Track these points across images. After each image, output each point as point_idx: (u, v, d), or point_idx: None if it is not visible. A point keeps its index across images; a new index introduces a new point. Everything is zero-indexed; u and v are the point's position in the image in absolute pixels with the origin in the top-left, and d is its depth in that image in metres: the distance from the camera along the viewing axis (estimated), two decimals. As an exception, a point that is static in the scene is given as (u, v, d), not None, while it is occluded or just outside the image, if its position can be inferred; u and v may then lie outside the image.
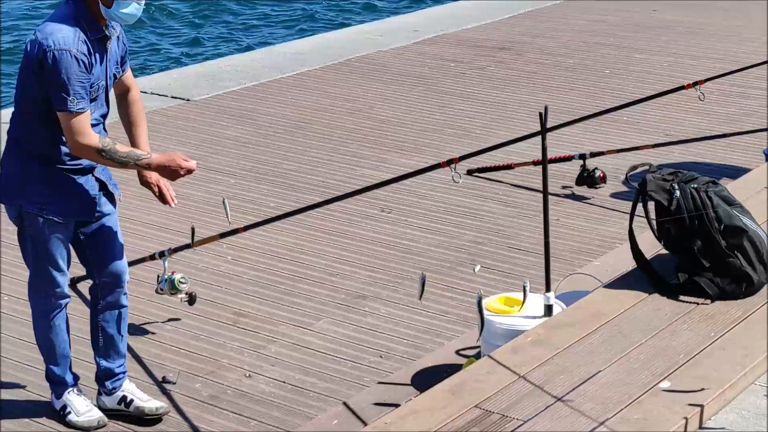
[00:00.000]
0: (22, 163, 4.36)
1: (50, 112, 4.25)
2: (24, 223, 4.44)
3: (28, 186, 4.37)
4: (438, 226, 6.85)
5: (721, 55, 10.23)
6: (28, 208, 4.37)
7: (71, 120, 4.18)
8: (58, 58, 4.11)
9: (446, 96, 9.32)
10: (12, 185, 4.41)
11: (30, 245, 4.47)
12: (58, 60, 4.11)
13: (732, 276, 4.39)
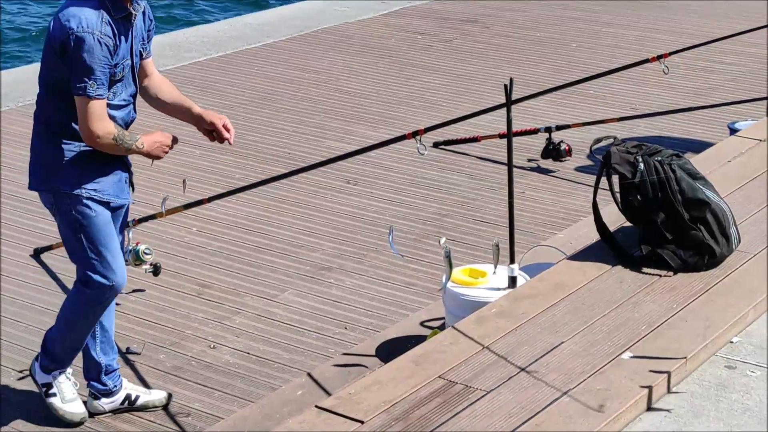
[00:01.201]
0: (54, 145, 4.17)
1: (64, 83, 4.09)
2: (62, 208, 4.20)
3: (63, 166, 4.16)
4: (403, 198, 6.85)
5: (690, 30, 10.25)
6: (66, 188, 4.15)
7: (88, 105, 4.00)
8: (81, 41, 3.95)
9: (412, 68, 9.30)
10: (45, 169, 4.19)
11: (74, 231, 4.21)
12: (80, 43, 3.95)
13: (694, 248, 4.41)
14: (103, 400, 4.58)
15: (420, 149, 4.62)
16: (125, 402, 4.61)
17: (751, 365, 3.95)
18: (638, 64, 6.15)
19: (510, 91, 4.43)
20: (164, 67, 9.29)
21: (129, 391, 4.64)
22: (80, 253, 4.25)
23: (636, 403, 3.62)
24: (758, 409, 3.71)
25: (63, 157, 4.16)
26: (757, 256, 4.56)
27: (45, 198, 4.27)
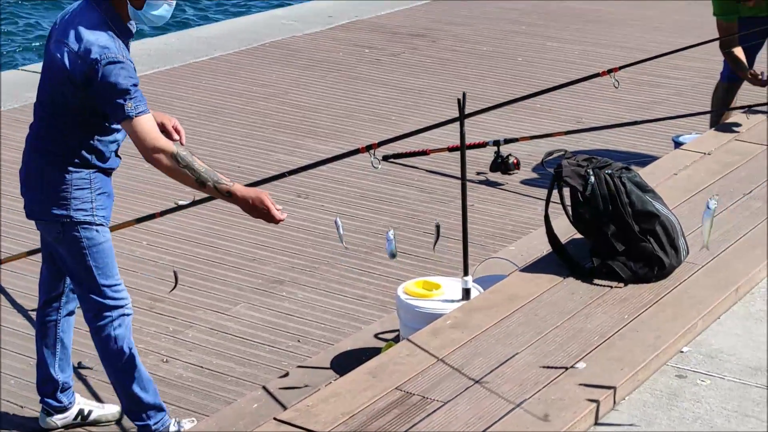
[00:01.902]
0: (62, 174, 4.08)
1: (90, 118, 4.04)
2: (71, 237, 4.12)
3: (75, 195, 4.09)
4: (354, 212, 6.88)
5: (632, 44, 10.40)
6: (78, 217, 4.08)
7: (136, 125, 3.89)
8: (108, 69, 3.87)
9: (361, 82, 9.35)
10: (52, 199, 4.10)
11: (85, 259, 4.14)
12: (109, 72, 3.87)
13: (644, 260, 4.49)
14: (56, 416, 4.56)
15: (374, 163, 4.65)
16: (78, 417, 4.59)
17: (701, 374, 4.03)
18: (590, 78, 6.25)
19: (463, 105, 4.48)
20: (112, 80, 9.26)
21: (82, 405, 4.62)
22: (90, 282, 4.19)
23: (590, 412, 3.68)
24: (709, 417, 3.78)
25: (73, 186, 4.09)
26: (704, 267, 4.65)
27: (49, 228, 4.16)
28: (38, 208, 4.15)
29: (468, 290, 4.49)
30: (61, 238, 4.15)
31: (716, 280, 4.54)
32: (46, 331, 4.47)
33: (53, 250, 4.25)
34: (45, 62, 4.10)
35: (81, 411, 4.59)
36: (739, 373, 4.03)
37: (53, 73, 4.02)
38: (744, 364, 4.09)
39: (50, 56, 4.04)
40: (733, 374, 4.03)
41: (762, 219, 5.09)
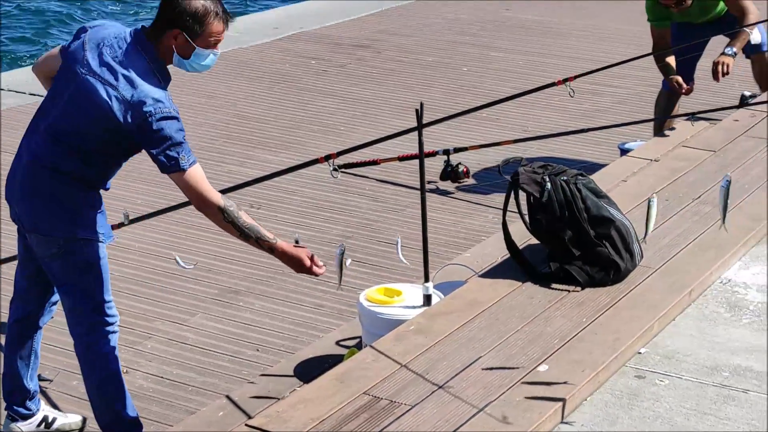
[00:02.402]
0: (74, 193, 4.09)
1: (119, 155, 4.10)
2: (71, 253, 4.13)
3: (82, 213, 4.11)
4: (307, 222, 6.93)
5: (576, 54, 10.56)
6: (83, 234, 4.11)
7: (187, 177, 3.96)
8: (163, 125, 3.88)
9: (308, 93, 9.41)
10: (59, 216, 4.09)
11: (83, 276, 4.17)
12: (163, 127, 3.88)
13: (601, 264, 4.59)
14: (20, 422, 4.57)
15: (333, 173, 4.71)
16: (42, 424, 4.60)
17: (659, 374, 4.14)
18: (546, 87, 6.39)
19: (421, 115, 4.56)
20: (58, 93, 9.25)
21: (46, 412, 4.65)
22: (87, 298, 4.21)
23: (554, 413, 3.76)
24: (669, 416, 3.88)
25: (82, 205, 4.11)
26: (658, 270, 4.77)
27: (48, 242, 4.13)
28: (43, 223, 4.11)
29: (429, 296, 4.57)
30: (59, 254, 4.14)
31: (670, 283, 4.66)
32: (23, 343, 4.48)
33: (45, 266, 4.23)
34: (77, 92, 4.02)
35: (45, 418, 4.62)
36: (696, 373, 4.14)
37: (92, 110, 3.98)
38: (700, 363, 4.21)
39: (89, 92, 3.98)
40: (690, 374, 4.14)
41: (712, 223, 5.22)
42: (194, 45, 4.01)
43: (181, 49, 4.02)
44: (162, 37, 4.01)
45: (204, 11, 4.00)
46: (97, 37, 4.06)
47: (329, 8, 12.40)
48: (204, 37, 4.02)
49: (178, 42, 4.01)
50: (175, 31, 3.99)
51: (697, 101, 8.42)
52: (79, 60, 4.04)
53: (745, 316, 4.57)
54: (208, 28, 4.02)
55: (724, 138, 6.36)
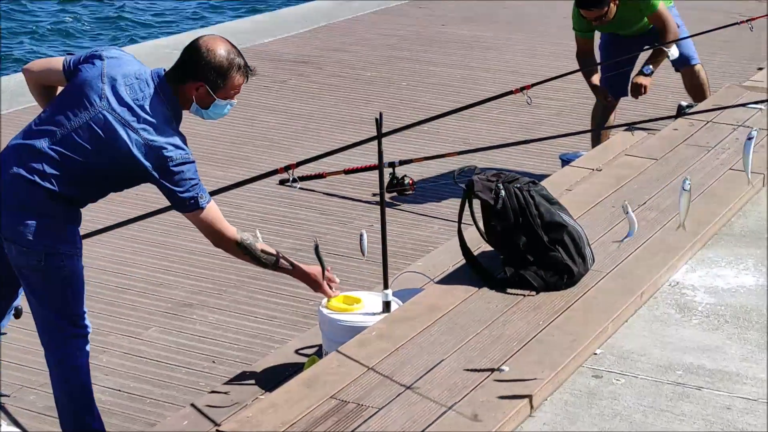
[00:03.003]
0: (67, 213, 4.16)
1: (120, 186, 4.21)
2: (52, 266, 4.15)
3: (66, 229, 4.15)
4: (257, 235, 6.97)
5: (512, 68, 10.72)
6: (65, 249, 4.15)
7: (205, 216, 4.17)
8: (182, 169, 4.03)
9: (251, 109, 9.44)
10: (46, 230, 4.10)
11: (62, 289, 4.21)
12: (182, 171, 4.03)
13: (554, 269, 4.70)
14: None
15: (293, 184, 4.78)
16: None
17: (615, 374, 4.25)
18: (504, 95, 6.54)
19: (380, 125, 4.65)
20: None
21: (5, 428, 4.64)
22: (64, 310, 4.24)
23: (517, 412, 3.86)
24: (627, 413, 4.00)
25: (66, 220, 4.16)
26: (609, 274, 4.89)
27: (28, 254, 4.13)
28: (26, 235, 4.10)
29: (389, 303, 4.64)
30: (39, 267, 4.15)
31: (621, 285, 4.78)
32: None
33: (22, 276, 4.24)
34: (91, 126, 4.04)
35: None
36: (651, 372, 4.26)
37: (107, 148, 4.03)
38: (654, 363, 4.33)
39: (107, 130, 4.03)
40: (645, 373, 4.26)
41: (658, 228, 5.36)
42: (215, 97, 4.11)
43: (201, 100, 4.15)
44: (183, 85, 4.11)
45: (228, 66, 4.11)
46: (118, 73, 4.09)
47: (265, 25, 12.46)
48: (225, 90, 4.15)
49: (199, 93, 4.13)
50: (199, 83, 4.09)
51: (635, 112, 8.62)
52: (96, 90, 4.06)
53: (694, 317, 4.71)
54: (231, 81, 4.13)
55: (665, 146, 6.52)
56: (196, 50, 4.09)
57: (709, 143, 6.55)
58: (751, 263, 5.21)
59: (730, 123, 6.83)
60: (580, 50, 7.58)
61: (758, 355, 4.41)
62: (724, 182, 5.92)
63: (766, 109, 6.98)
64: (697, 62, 7.71)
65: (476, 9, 13.28)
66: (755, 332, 4.60)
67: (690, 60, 7.71)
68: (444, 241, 6.65)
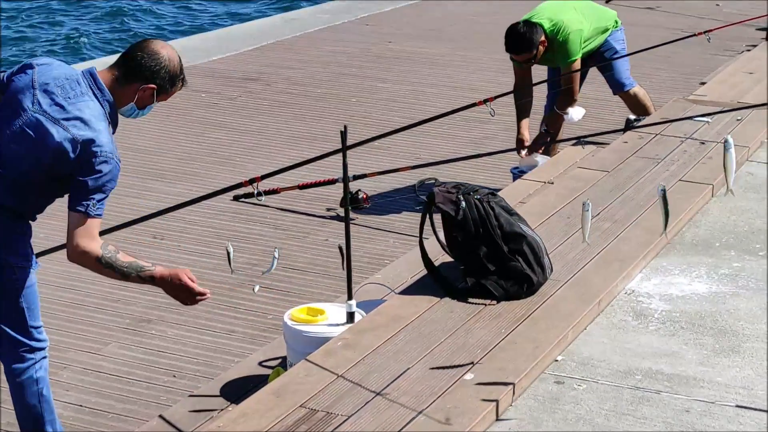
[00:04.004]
0: (20, 225, 4.15)
1: (62, 189, 4.10)
2: (8, 280, 4.16)
3: (21, 243, 4.15)
4: (212, 250, 6.99)
5: (460, 84, 10.83)
6: (19, 262, 4.13)
7: (84, 222, 4.00)
8: (103, 168, 3.95)
9: (200, 125, 9.47)
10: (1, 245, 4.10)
11: (16, 302, 4.21)
12: (102, 170, 3.95)
13: (515, 278, 4.79)
14: None
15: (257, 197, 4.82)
16: None
17: (576, 380, 4.34)
18: (468, 107, 6.63)
19: (345, 138, 4.71)
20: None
21: None
22: (20, 324, 4.24)
23: (483, 418, 3.93)
24: (589, 417, 4.08)
25: (20, 234, 4.16)
26: (567, 283, 4.99)
27: None
28: None
29: (352, 314, 4.70)
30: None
31: (579, 294, 4.88)
32: None
33: None
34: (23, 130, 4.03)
35: None
36: (611, 377, 4.36)
37: (40, 150, 4.01)
38: (614, 368, 4.43)
39: (39, 131, 4.01)
40: (605, 378, 4.35)
41: (613, 238, 5.47)
42: (155, 101, 4.17)
43: (142, 101, 4.17)
44: (127, 86, 4.11)
45: (179, 74, 4.19)
46: (49, 77, 4.08)
47: (213, 43, 12.48)
48: (167, 95, 4.21)
49: (144, 95, 4.15)
50: (150, 86, 4.12)
51: (583, 127, 8.74)
52: (29, 97, 4.06)
53: (651, 324, 4.81)
54: (175, 90, 4.21)
55: (616, 159, 6.65)
56: (155, 55, 4.12)
57: (658, 155, 6.69)
58: (703, 271, 5.33)
59: (677, 135, 6.98)
60: (518, 83, 7.72)
61: (714, 360, 4.53)
62: (675, 193, 6.05)
63: (711, 122, 7.15)
64: (631, 86, 7.87)
65: (422, 26, 13.41)
66: (710, 337, 4.71)
67: (623, 86, 7.87)
68: (400, 254, 6.72)
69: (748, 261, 5.46)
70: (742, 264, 5.42)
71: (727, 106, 7.38)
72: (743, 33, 11.99)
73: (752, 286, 5.19)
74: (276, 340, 5.44)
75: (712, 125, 7.11)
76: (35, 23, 16.89)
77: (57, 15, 17.59)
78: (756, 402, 4.20)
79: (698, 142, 6.85)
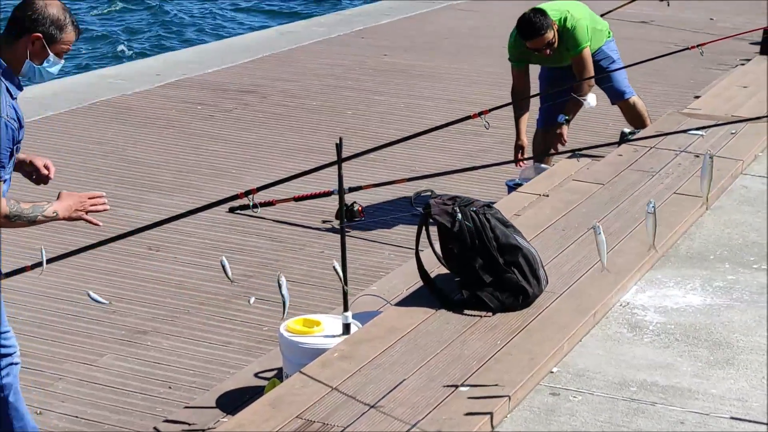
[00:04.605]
0: None
1: None
2: None
3: None
4: (207, 262, 7.00)
5: (453, 96, 10.86)
6: None
7: None
8: None
9: (197, 138, 9.48)
10: None
11: None
12: None
13: (510, 290, 4.80)
14: None
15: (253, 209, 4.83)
16: None
17: (572, 391, 4.35)
18: (463, 120, 6.65)
19: (340, 150, 4.72)
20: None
21: None
22: None
23: (479, 429, 3.94)
24: (584, 428, 4.09)
25: None
26: (563, 295, 5.00)
27: None
28: None
29: (348, 325, 4.71)
30: None
31: (575, 306, 4.89)
32: None
33: None
34: None
35: None
36: (606, 389, 4.37)
37: None
38: (609, 380, 4.44)
39: None
40: (600, 389, 4.36)
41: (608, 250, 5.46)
42: (49, 51, 4.11)
43: (35, 55, 4.11)
44: (15, 44, 4.09)
45: (64, 18, 4.13)
46: None
47: (209, 55, 12.50)
48: (59, 44, 4.13)
49: (34, 47, 4.10)
50: (34, 35, 4.08)
51: (577, 140, 8.77)
52: None
53: (645, 336, 4.83)
54: (66, 36, 4.14)
55: (611, 171, 6.67)
56: (31, 4, 4.11)
57: (653, 168, 6.71)
58: (697, 283, 5.35)
59: (672, 149, 7.01)
60: (515, 84, 7.77)
61: (708, 372, 4.54)
62: (669, 206, 6.07)
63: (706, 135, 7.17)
64: (631, 95, 7.92)
65: (417, 39, 13.44)
66: (705, 350, 4.73)
67: (624, 95, 7.92)
68: (395, 266, 6.74)
69: (742, 274, 5.47)
70: (737, 276, 5.44)
71: (721, 120, 7.41)
72: (737, 47, 12.04)
73: (746, 299, 5.21)
74: (272, 351, 5.45)
75: (707, 138, 7.13)
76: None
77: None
78: (750, 414, 4.21)
79: (693, 155, 6.88)
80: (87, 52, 16.02)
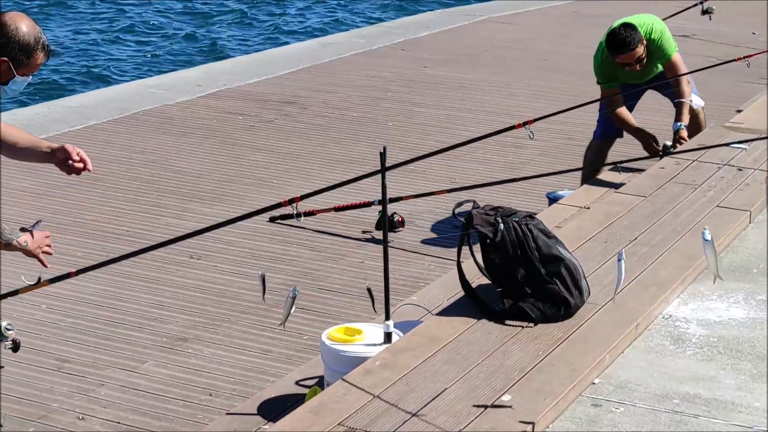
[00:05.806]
0: None
1: None
2: None
3: None
4: (248, 271, 7.03)
5: (492, 109, 10.87)
6: None
7: None
8: None
9: (239, 147, 9.54)
10: None
11: None
12: None
13: (552, 301, 4.79)
14: None
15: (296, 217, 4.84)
16: None
17: (614, 403, 4.33)
18: (507, 130, 6.65)
19: (384, 159, 4.74)
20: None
21: None
22: None
23: (523, 438, 3.94)
24: (628, 440, 4.09)
25: None
26: (604, 307, 4.98)
27: None
28: None
29: (390, 334, 4.72)
30: None
31: (617, 318, 4.87)
32: None
33: None
34: None
35: None
36: (648, 401, 4.35)
37: None
38: (651, 392, 4.42)
39: None
40: (643, 401, 4.34)
41: (650, 263, 5.47)
42: (15, 74, 4.12)
43: (1, 75, 4.11)
44: None
45: (34, 43, 4.11)
46: None
47: (249, 66, 12.58)
48: (27, 67, 4.14)
49: (1, 69, 4.10)
50: (1, 59, 4.08)
51: (620, 152, 8.74)
52: None
53: (688, 348, 4.80)
54: (34, 61, 4.14)
55: (653, 184, 6.64)
56: (1, 26, 4.10)
57: (695, 181, 6.69)
58: (741, 297, 5.32)
59: (715, 162, 6.98)
60: (617, 103, 7.60)
61: (752, 385, 4.51)
62: (712, 218, 6.04)
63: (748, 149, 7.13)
64: (703, 104, 7.86)
65: (456, 51, 13.45)
66: (748, 363, 4.70)
67: None
68: (435, 277, 6.73)
69: (785, 287, 5.44)
70: (780, 290, 5.41)
71: (764, 134, 7.37)
72: (779, 61, 11.96)
73: (790, 313, 5.18)
74: (312, 360, 5.47)
75: (750, 152, 7.10)
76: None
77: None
78: (794, 428, 4.19)
79: (735, 168, 6.84)
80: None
